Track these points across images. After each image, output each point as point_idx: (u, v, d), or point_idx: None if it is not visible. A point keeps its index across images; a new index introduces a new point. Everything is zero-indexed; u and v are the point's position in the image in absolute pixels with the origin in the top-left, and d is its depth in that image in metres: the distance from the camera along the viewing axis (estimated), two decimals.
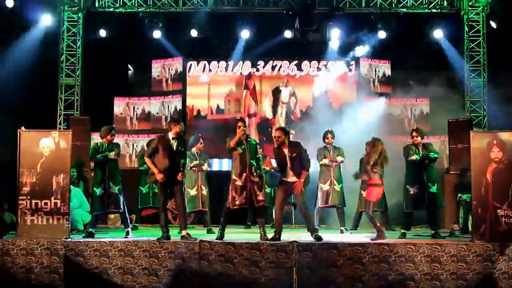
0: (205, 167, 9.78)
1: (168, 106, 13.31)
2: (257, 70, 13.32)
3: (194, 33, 13.05)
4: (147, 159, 7.86)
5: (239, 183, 7.82)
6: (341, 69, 13.11)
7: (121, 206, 8.51)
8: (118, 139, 12.33)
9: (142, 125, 13.43)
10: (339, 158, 9.82)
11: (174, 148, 7.78)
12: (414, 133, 8.78)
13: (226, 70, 13.26)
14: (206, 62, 13.26)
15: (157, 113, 13.40)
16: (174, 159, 7.75)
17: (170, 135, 7.83)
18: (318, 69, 13.17)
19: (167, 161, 7.71)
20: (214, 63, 13.26)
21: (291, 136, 8.31)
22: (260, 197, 7.86)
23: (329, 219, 10.88)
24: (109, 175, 8.45)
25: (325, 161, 9.81)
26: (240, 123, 7.92)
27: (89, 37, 13.28)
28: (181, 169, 7.84)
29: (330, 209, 10.35)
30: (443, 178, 11.09)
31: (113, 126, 9.07)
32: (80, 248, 7.28)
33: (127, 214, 8.68)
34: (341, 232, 9.58)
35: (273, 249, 7.13)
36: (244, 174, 7.82)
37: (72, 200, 9.33)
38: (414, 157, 8.57)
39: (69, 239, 7.52)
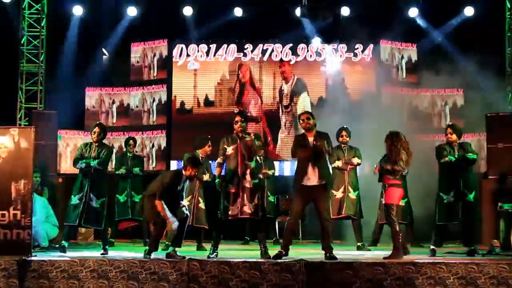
0: (206, 176, 9.59)
1: (151, 98, 13.30)
2: (245, 55, 13.27)
3: (186, 10, 13.05)
4: (159, 203, 7.66)
5: (230, 189, 7.81)
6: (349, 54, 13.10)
7: (103, 223, 8.57)
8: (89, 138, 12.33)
9: (119, 121, 13.43)
10: (355, 160, 9.77)
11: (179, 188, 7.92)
12: (450, 130, 8.68)
13: (207, 55, 13.20)
14: (183, 46, 13.25)
15: (137, 106, 13.40)
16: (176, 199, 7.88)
17: (183, 175, 7.82)
18: (317, 53, 13.15)
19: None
20: (193, 46, 13.24)
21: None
22: (247, 209, 7.78)
23: (342, 233, 10.86)
24: (92, 185, 8.47)
25: (339, 163, 9.76)
26: (238, 118, 7.88)
27: (55, 15, 13.25)
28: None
29: (343, 221, 10.32)
30: (481, 184, 11.06)
31: (99, 122, 9.02)
32: (44, 268, 7.23)
33: (107, 231, 8.83)
34: (358, 248, 9.55)
35: (276, 269, 7.10)
36: (236, 179, 7.79)
37: (38, 212, 9.31)
38: (448, 158, 8.52)
39: (31, 258, 7.47)
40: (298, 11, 13.01)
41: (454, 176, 8.54)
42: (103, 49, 13.77)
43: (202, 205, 9.58)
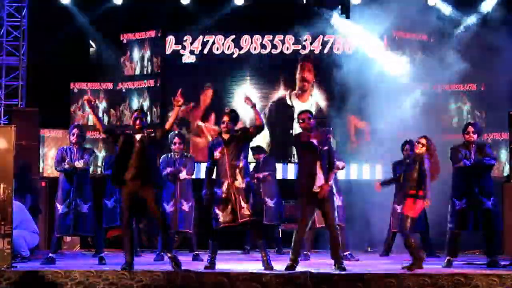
0: (182, 174, 9.66)
1: (143, 94, 13.30)
2: (183, 47, 13.15)
3: None
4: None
5: (220, 194, 7.83)
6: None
7: (93, 228, 8.77)
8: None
9: (107, 119, 13.42)
10: (340, 164, 9.63)
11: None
12: (471, 128, 8.58)
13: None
14: (179, 37, 13.23)
15: (127, 103, 13.37)
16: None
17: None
18: (262, 46, 13.12)
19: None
20: (189, 38, 13.22)
21: None
22: (245, 211, 7.78)
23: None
24: (78, 189, 8.63)
25: None
26: (225, 117, 7.91)
27: (37, 4, 13.26)
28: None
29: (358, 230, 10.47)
30: (503, 188, 11.09)
31: (76, 124, 9.15)
32: (26, 280, 7.26)
33: (101, 236, 9.04)
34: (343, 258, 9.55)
35: (279, 281, 7.12)
36: (226, 182, 7.82)
37: None
38: (463, 163, 8.51)
39: (12, 269, 7.50)
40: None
41: (469, 182, 8.48)
42: (90, 41, 13.77)
43: (186, 207, 9.65)
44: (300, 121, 7.89)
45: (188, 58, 13.27)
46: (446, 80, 12.60)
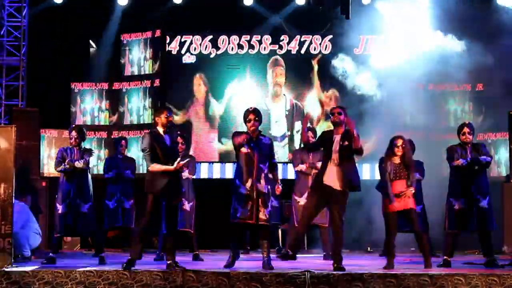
0: (185, 174, 9.67)
1: (143, 94, 13.31)
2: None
3: None
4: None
5: (243, 191, 7.87)
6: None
7: (93, 228, 8.80)
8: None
9: (107, 119, 13.44)
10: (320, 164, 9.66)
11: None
12: (466, 129, 8.64)
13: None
14: (178, 37, 13.23)
15: (127, 102, 13.38)
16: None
17: (159, 129, 7.84)
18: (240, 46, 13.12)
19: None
20: (188, 38, 13.22)
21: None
22: (262, 215, 7.86)
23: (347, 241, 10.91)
24: (77, 189, 8.65)
25: (302, 167, 9.76)
26: (251, 116, 7.96)
27: (38, 4, 13.27)
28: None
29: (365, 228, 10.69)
30: (503, 188, 11.09)
31: (75, 125, 9.16)
32: (26, 280, 7.26)
33: (101, 236, 9.09)
34: (325, 258, 9.62)
35: (279, 281, 7.13)
36: (250, 180, 7.85)
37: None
38: (460, 161, 8.53)
39: (12, 268, 7.51)
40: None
41: (466, 181, 8.52)
42: (90, 41, 13.78)
43: (187, 206, 9.67)
44: (331, 115, 8.03)
45: (188, 58, 13.29)
46: (443, 79, 12.62)
